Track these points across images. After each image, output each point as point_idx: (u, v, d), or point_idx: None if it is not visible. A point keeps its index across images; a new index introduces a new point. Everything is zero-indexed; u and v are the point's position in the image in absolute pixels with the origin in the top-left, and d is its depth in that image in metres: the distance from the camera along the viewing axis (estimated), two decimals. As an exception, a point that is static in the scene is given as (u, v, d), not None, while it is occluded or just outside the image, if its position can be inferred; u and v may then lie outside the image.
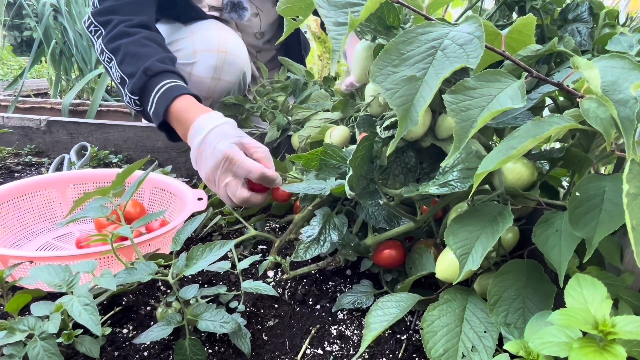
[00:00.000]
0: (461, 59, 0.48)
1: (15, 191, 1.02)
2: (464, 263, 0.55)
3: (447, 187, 0.61)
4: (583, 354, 0.41)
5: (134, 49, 1.14)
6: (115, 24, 1.17)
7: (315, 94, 1.28)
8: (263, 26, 1.63)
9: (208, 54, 1.37)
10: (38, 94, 2.82)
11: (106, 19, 1.19)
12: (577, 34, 0.78)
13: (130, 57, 1.13)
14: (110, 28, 1.18)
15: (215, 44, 1.37)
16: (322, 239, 0.82)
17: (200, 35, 1.38)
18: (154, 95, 1.07)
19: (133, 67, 1.11)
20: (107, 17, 1.19)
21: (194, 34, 1.39)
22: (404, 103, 0.50)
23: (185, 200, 1.02)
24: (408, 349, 0.72)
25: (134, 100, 1.13)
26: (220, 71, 1.39)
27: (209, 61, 1.36)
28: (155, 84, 1.08)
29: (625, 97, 0.43)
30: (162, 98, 1.06)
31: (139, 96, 1.12)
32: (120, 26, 1.17)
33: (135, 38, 1.15)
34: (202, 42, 1.37)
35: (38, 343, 0.55)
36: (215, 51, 1.37)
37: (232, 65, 1.41)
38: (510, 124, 0.64)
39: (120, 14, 1.19)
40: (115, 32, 1.16)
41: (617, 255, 0.58)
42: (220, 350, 0.70)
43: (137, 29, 1.18)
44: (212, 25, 1.42)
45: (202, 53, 1.36)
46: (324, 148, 0.82)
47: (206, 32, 1.39)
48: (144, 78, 1.09)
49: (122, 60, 1.14)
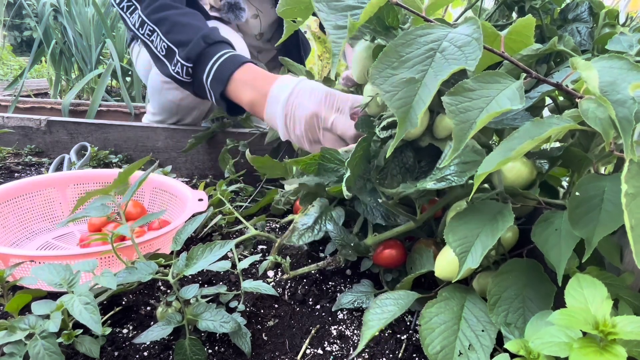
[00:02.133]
0: (460, 61, 0.48)
1: (15, 191, 1.02)
2: (463, 261, 0.55)
3: (445, 182, 0.61)
4: (583, 354, 0.42)
5: (183, 19, 1.11)
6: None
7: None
8: (263, 27, 1.64)
9: None
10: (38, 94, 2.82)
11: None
12: (577, 33, 0.78)
13: (181, 27, 1.10)
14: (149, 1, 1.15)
15: None
16: (317, 228, 0.83)
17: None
18: (213, 62, 1.05)
19: (186, 35, 1.08)
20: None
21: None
22: (403, 105, 0.50)
23: (186, 201, 1.02)
24: (408, 349, 0.72)
25: (187, 69, 1.09)
26: None
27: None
28: (215, 52, 1.06)
29: (623, 97, 0.43)
30: (225, 65, 1.03)
31: (194, 63, 1.08)
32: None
33: (182, 10, 1.14)
34: None
35: (39, 342, 0.56)
36: None
37: None
38: (510, 125, 0.64)
39: None
40: (157, 4, 1.14)
41: (617, 255, 0.58)
42: (220, 350, 0.70)
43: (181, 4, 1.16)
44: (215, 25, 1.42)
45: None
46: (321, 152, 0.82)
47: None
48: (202, 44, 1.06)
49: (170, 30, 1.11)
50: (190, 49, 1.07)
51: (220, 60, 1.05)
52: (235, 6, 1.43)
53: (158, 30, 1.13)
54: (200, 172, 1.52)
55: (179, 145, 1.50)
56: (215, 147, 1.47)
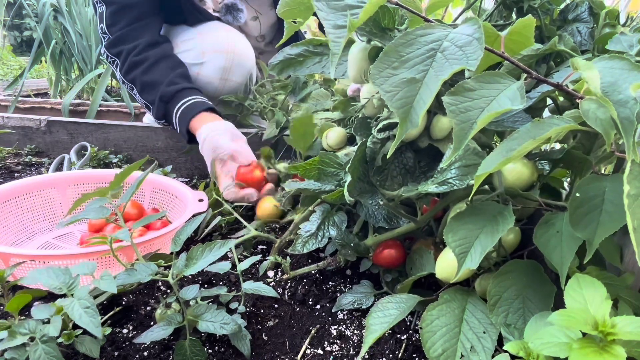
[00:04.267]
0: (461, 61, 0.48)
1: (15, 191, 1.02)
2: (462, 261, 0.55)
3: (446, 185, 0.61)
4: (583, 355, 0.42)
5: (146, 77, 1.31)
6: (125, 55, 1.33)
7: (315, 92, 1.28)
8: (263, 29, 1.64)
9: (217, 55, 1.39)
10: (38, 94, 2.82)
11: (117, 50, 1.34)
12: (577, 33, 0.78)
13: (146, 87, 1.32)
14: (122, 60, 1.34)
15: (223, 46, 1.39)
16: (320, 234, 0.83)
17: (209, 37, 1.40)
18: (174, 118, 1.29)
19: (151, 96, 1.31)
20: (118, 49, 1.33)
21: (203, 35, 1.41)
22: (403, 105, 0.50)
23: (186, 201, 1.02)
24: (408, 349, 0.72)
25: (162, 123, 1.38)
26: (229, 72, 1.42)
27: (217, 62, 1.38)
28: (172, 108, 1.28)
29: (624, 97, 0.43)
30: (181, 121, 1.27)
31: (164, 120, 1.35)
32: (130, 57, 1.32)
33: (145, 66, 1.31)
34: (211, 43, 1.39)
35: (39, 346, 0.56)
36: (223, 52, 1.39)
37: (240, 67, 1.44)
38: (510, 127, 0.64)
39: (127, 42, 1.32)
40: (127, 65, 1.32)
41: (617, 255, 0.58)
42: (220, 350, 0.70)
43: (145, 55, 1.32)
44: (220, 26, 1.44)
45: (210, 54, 1.39)
46: (320, 157, 0.82)
47: (215, 34, 1.41)
48: (162, 106, 1.30)
49: (142, 90, 1.33)
50: (156, 111, 1.32)
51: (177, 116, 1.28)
52: (232, 7, 1.45)
53: (135, 89, 1.35)
54: (200, 172, 1.52)
55: (179, 146, 1.50)
56: (215, 147, 1.47)
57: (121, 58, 1.33)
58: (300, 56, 0.92)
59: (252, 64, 1.49)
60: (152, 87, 1.30)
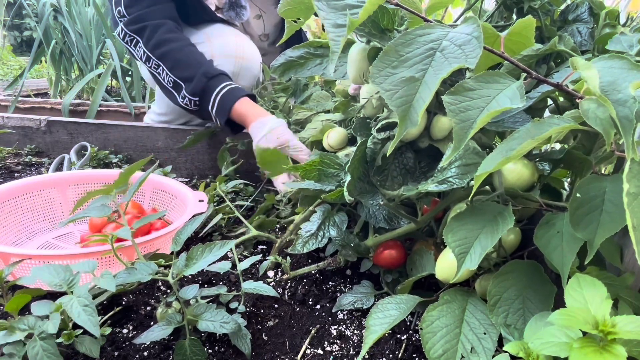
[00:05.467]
0: (460, 60, 0.48)
1: (15, 191, 1.02)
2: (462, 262, 0.55)
3: (446, 184, 0.61)
4: (583, 354, 0.42)
5: (182, 55, 1.27)
6: (152, 31, 1.27)
7: (316, 94, 1.28)
8: (267, 28, 1.64)
9: (226, 60, 1.40)
10: (38, 94, 2.82)
11: (139, 26, 1.28)
12: (577, 34, 0.78)
13: (183, 63, 1.26)
14: (149, 35, 1.28)
15: (232, 50, 1.41)
16: (320, 234, 0.83)
17: (218, 42, 1.41)
18: (215, 95, 1.23)
19: (189, 72, 1.25)
20: (140, 25, 1.28)
21: (212, 40, 1.42)
22: (403, 104, 0.50)
23: (186, 202, 1.02)
24: (408, 349, 0.72)
25: (194, 102, 1.27)
26: (237, 76, 1.43)
27: (226, 67, 1.39)
28: (215, 85, 1.24)
29: (624, 97, 0.43)
30: (226, 98, 1.22)
31: (199, 97, 1.26)
32: (159, 34, 1.27)
33: (179, 45, 1.28)
34: (220, 48, 1.40)
35: (37, 343, 0.55)
36: (232, 57, 1.41)
37: (248, 71, 1.45)
38: (510, 127, 0.64)
39: (151, 19, 1.28)
40: (156, 40, 1.27)
41: (617, 255, 0.58)
42: (220, 350, 0.70)
43: (177, 35, 1.29)
44: (228, 30, 1.45)
45: (220, 59, 1.39)
46: (320, 158, 0.82)
47: (224, 39, 1.42)
48: (204, 80, 1.24)
49: (174, 66, 1.27)
50: (195, 84, 1.24)
51: (222, 93, 1.23)
52: (236, 4, 1.45)
53: (163, 66, 1.28)
54: (200, 172, 1.52)
55: (179, 146, 1.50)
56: (215, 147, 1.47)
57: (146, 33, 1.28)
58: (302, 58, 0.92)
59: (259, 68, 1.50)
60: (189, 65, 1.26)
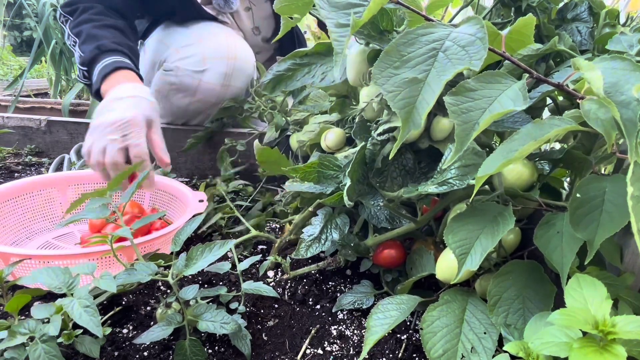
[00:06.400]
0: (464, 61, 0.48)
1: (15, 191, 1.02)
2: (462, 263, 0.54)
3: (446, 185, 0.61)
4: (583, 354, 0.42)
5: (94, 31, 1.23)
6: (80, 12, 1.28)
7: (314, 94, 1.28)
8: (256, 21, 1.63)
9: (218, 62, 1.38)
10: (38, 94, 2.82)
11: (72, 8, 1.29)
12: (577, 33, 0.78)
13: (90, 38, 1.23)
14: (77, 15, 1.28)
15: (224, 51, 1.39)
16: (323, 238, 0.83)
17: (209, 42, 1.40)
18: (98, 65, 1.17)
19: (90, 46, 1.21)
20: (73, 7, 1.29)
21: (203, 41, 1.40)
22: (406, 106, 0.49)
23: (186, 202, 1.02)
24: (408, 349, 0.72)
25: (83, 72, 1.23)
26: (230, 78, 1.41)
27: (219, 68, 1.38)
28: (102, 58, 1.17)
29: (627, 98, 0.43)
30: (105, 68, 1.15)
31: (87, 67, 1.21)
32: (85, 14, 1.27)
33: (97, 23, 1.25)
34: (212, 49, 1.39)
35: (39, 346, 0.55)
36: (225, 58, 1.39)
37: (241, 72, 1.43)
38: (511, 128, 0.64)
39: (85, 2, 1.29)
40: (79, 19, 1.27)
41: (617, 255, 0.58)
42: (220, 350, 0.70)
43: (102, 17, 1.28)
44: (219, 30, 1.43)
45: (212, 60, 1.38)
46: (319, 160, 0.81)
47: (215, 39, 1.40)
48: (95, 52, 1.18)
49: (84, 41, 1.23)
50: (86, 55, 1.20)
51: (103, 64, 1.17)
52: None
53: (77, 41, 1.26)
54: (200, 172, 1.52)
55: (179, 146, 1.50)
56: (215, 148, 1.47)
57: (75, 14, 1.28)
58: (289, 70, 0.92)
59: (253, 68, 1.48)
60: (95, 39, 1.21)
